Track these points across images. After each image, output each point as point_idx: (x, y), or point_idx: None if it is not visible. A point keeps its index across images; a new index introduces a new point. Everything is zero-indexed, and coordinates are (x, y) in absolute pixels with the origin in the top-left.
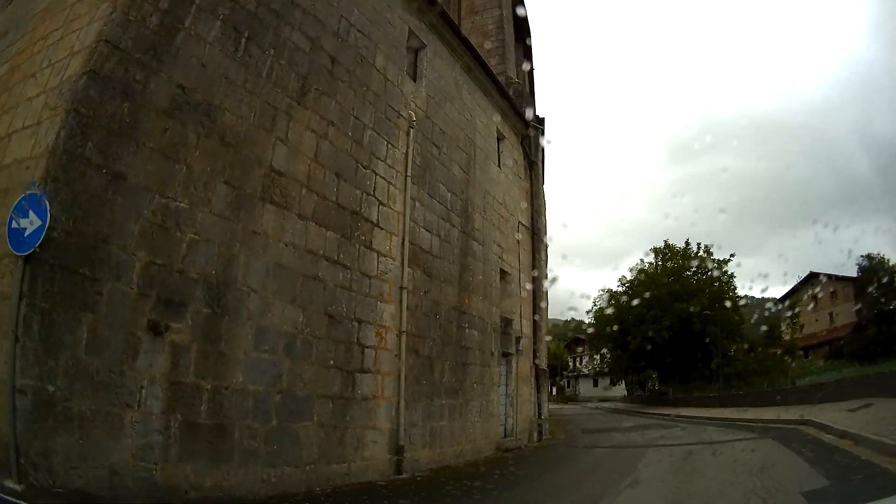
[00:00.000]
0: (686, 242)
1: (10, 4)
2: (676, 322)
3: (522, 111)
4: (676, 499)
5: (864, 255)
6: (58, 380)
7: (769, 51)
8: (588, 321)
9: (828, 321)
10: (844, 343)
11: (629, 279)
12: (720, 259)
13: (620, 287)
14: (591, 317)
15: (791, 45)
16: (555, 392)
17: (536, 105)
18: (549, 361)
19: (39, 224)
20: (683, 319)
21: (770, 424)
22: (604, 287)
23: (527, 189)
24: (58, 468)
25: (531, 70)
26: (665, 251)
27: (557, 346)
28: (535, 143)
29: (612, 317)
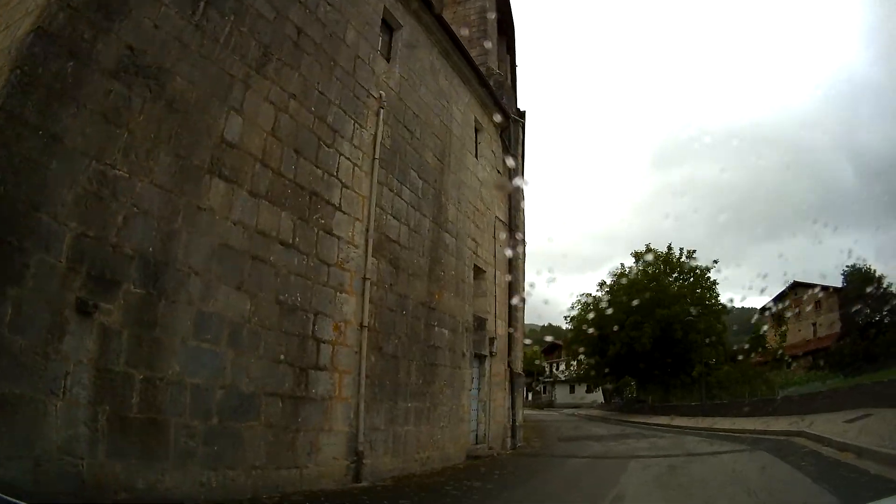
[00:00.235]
0: (668, 247)
1: None
2: (657, 328)
3: (503, 102)
4: None
5: (850, 266)
6: None
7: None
8: (566, 327)
9: (811, 331)
10: (829, 353)
11: (609, 283)
12: (703, 266)
13: (600, 292)
14: (569, 322)
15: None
16: (530, 397)
17: (518, 101)
18: (525, 366)
19: None
20: (664, 326)
21: (759, 435)
22: (582, 292)
23: (505, 183)
24: None
25: (514, 65)
26: (646, 255)
27: (534, 351)
28: (516, 137)
29: (591, 322)
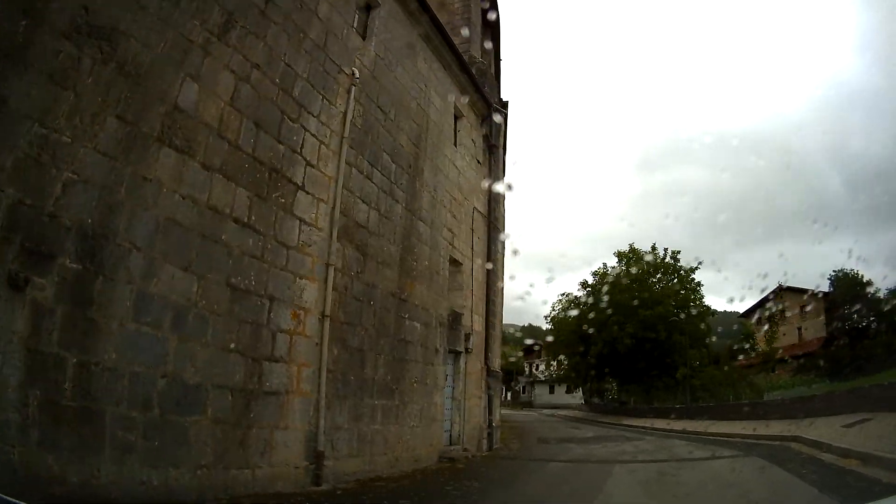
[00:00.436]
0: (653, 247)
1: None
2: (640, 329)
3: (485, 91)
4: None
5: (837, 271)
6: None
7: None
8: (547, 327)
9: (796, 336)
10: (815, 357)
11: (591, 283)
12: (689, 267)
13: (582, 292)
14: (550, 322)
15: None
16: (509, 397)
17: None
18: (504, 365)
19: None
20: (647, 327)
21: (751, 440)
22: (564, 292)
23: (485, 174)
24: None
25: (498, 57)
26: (630, 255)
27: (513, 350)
28: (497, 128)
29: (572, 321)
